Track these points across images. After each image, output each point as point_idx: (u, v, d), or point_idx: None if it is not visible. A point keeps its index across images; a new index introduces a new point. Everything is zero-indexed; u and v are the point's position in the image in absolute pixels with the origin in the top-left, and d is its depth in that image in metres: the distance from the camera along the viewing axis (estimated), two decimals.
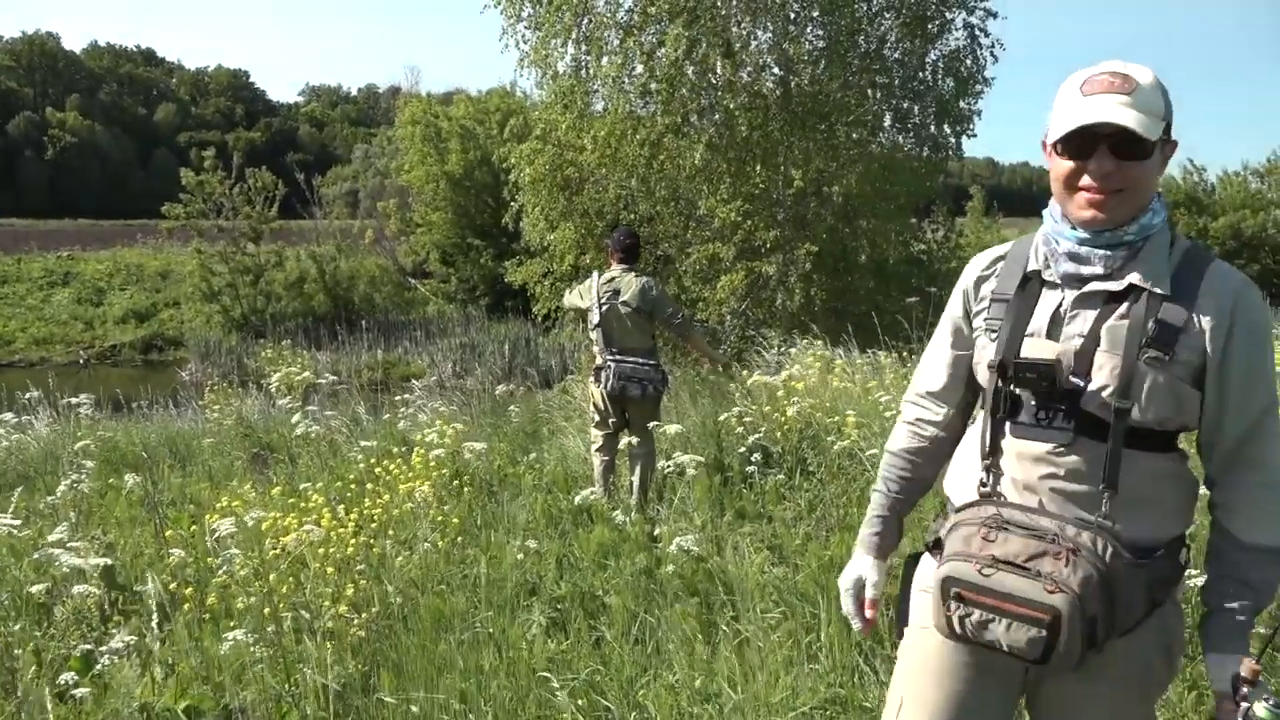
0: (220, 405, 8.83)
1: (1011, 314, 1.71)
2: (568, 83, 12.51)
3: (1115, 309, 1.62)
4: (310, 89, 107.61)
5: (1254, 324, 1.60)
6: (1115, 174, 1.58)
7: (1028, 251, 1.76)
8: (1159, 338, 1.57)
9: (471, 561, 4.22)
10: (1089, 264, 1.64)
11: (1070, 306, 1.65)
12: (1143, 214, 1.63)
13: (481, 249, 27.59)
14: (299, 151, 72.83)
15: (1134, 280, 1.61)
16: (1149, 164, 1.59)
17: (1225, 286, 1.60)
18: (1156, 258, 1.62)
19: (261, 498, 4.86)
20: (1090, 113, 1.57)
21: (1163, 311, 1.58)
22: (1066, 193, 1.64)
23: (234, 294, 26.30)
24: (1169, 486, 1.65)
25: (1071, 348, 1.62)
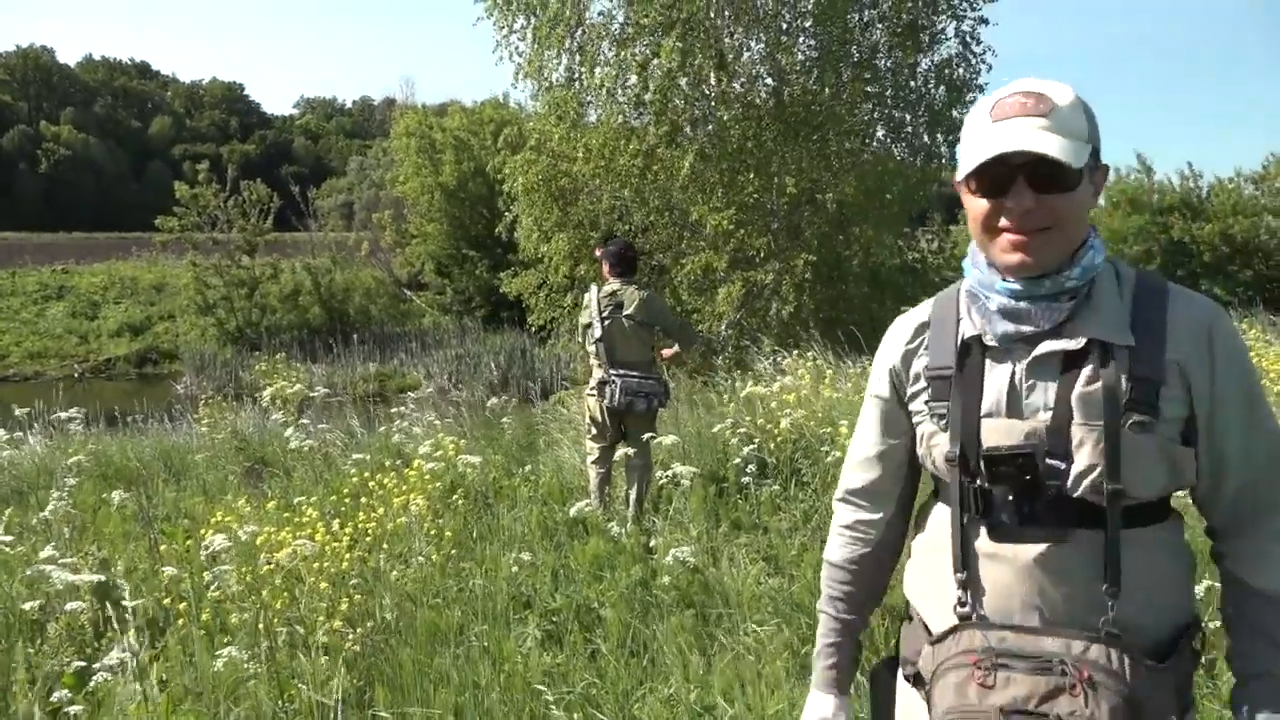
0: (215, 419, 8.81)
1: (959, 393, 1.44)
2: (561, 93, 12.57)
3: (1079, 372, 1.37)
4: (305, 101, 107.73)
5: (1235, 352, 1.40)
6: (1037, 210, 1.35)
7: (954, 312, 1.51)
8: (1140, 398, 1.34)
9: (467, 575, 4.21)
10: (1029, 320, 1.40)
11: (1025, 374, 1.40)
12: (1082, 253, 1.40)
13: (477, 260, 27.62)
14: (294, 164, 72.97)
15: (1091, 334, 1.37)
16: (1076, 195, 1.37)
17: (1194, 320, 1.38)
18: (1109, 302, 1.40)
19: (256, 512, 4.85)
20: (1001, 141, 1.35)
21: (1136, 366, 1.35)
22: (986, 236, 1.40)
23: (229, 307, 26.31)
24: (1171, 562, 1.42)
25: (1041, 425, 1.37)
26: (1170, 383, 1.36)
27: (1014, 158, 1.34)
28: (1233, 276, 18.02)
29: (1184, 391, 1.37)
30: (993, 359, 1.44)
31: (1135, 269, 1.46)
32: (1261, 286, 17.48)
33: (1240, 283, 17.80)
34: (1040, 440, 1.37)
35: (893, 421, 1.59)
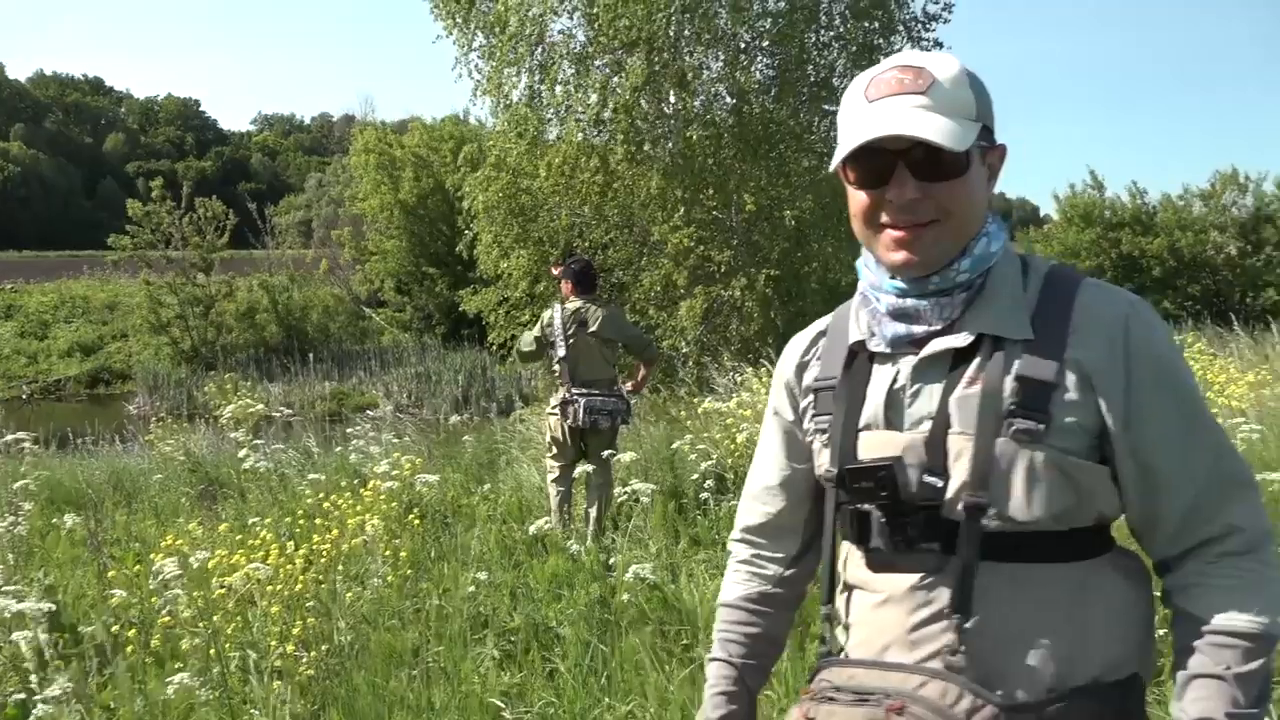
0: (169, 440, 8.67)
1: (841, 405, 1.28)
2: (521, 110, 12.58)
3: (964, 372, 1.19)
4: (263, 117, 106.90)
5: (1158, 355, 1.17)
6: (921, 201, 1.17)
7: (849, 319, 1.34)
8: (1025, 401, 1.14)
9: (424, 595, 4.17)
10: (919, 320, 1.23)
11: (909, 380, 1.23)
12: (975, 243, 1.22)
13: (437, 277, 27.48)
14: (251, 181, 72.20)
15: (982, 329, 1.19)
16: (966, 180, 1.19)
17: (1106, 313, 1.18)
18: (1006, 293, 1.22)
19: (209, 535, 4.77)
20: (875, 124, 1.17)
21: (1023, 364, 1.16)
22: (869, 232, 1.23)
23: (183, 325, 25.88)
24: (1085, 610, 1.16)
25: (919, 437, 1.20)
26: (1067, 386, 1.15)
27: (889, 143, 1.16)
28: (1181, 290, 18.43)
29: (1087, 397, 1.15)
30: (879, 365, 1.27)
31: (1052, 262, 1.28)
32: (1209, 301, 17.90)
33: (1189, 296, 18.22)
34: (918, 453, 1.19)
35: (793, 443, 1.40)
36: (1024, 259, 1.27)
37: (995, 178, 1.27)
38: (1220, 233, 18.77)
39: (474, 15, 12.89)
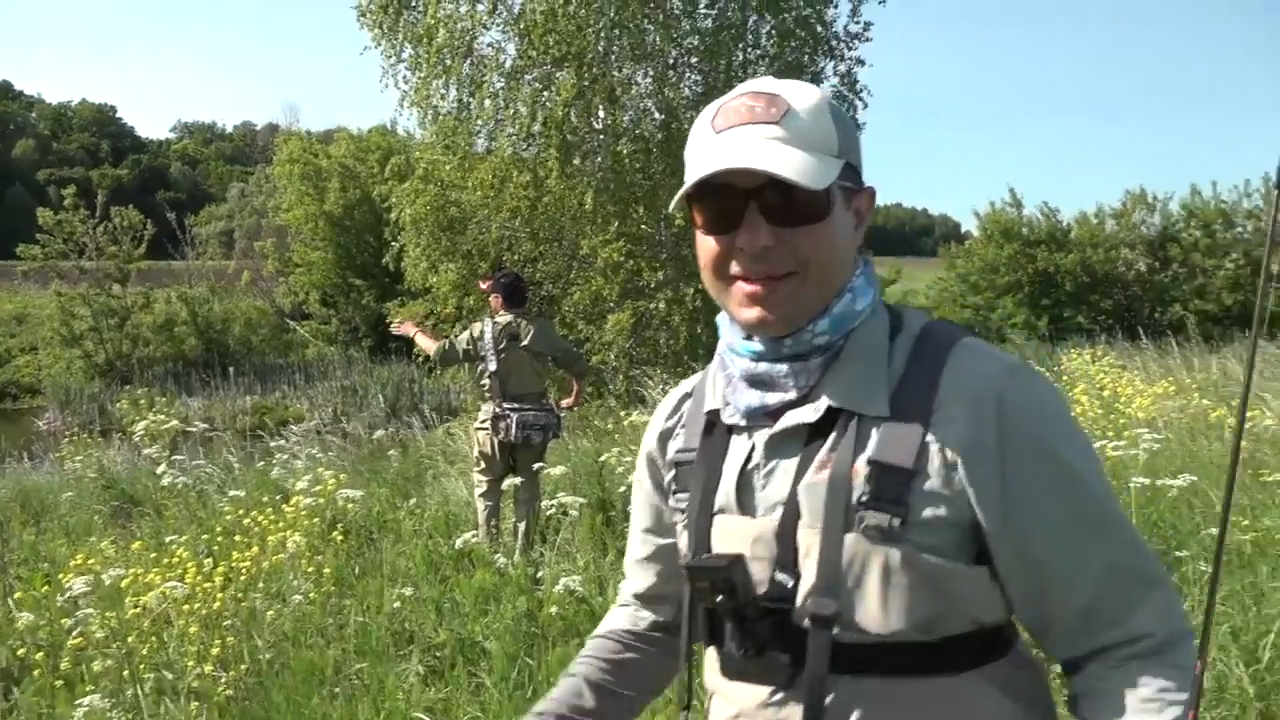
0: (81, 456, 8.38)
1: (697, 484, 1.12)
2: (450, 123, 12.51)
3: (816, 451, 1.03)
4: (182, 125, 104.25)
5: (1041, 431, 1.00)
6: (776, 249, 1.01)
7: (708, 382, 1.19)
8: (879, 491, 0.98)
9: (347, 612, 4.11)
10: (775, 387, 1.06)
11: (763, 457, 1.07)
12: (836, 301, 1.05)
13: (363, 290, 27.07)
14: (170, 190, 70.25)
15: (835, 401, 1.03)
16: (828, 226, 1.02)
17: (976, 382, 1.00)
18: (866, 359, 1.04)
19: (122, 553, 4.63)
20: (720, 156, 1.00)
21: (878, 445, 0.99)
22: (720, 285, 1.07)
23: (97, 338, 25.03)
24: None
25: (771, 526, 1.04)
26: (929, 472, 0.98)
27: (737, 179, 1.00)
28: (1094, 305, 19.04)
29: (954, 485, 0.98)
30: (736, 437, 1.11)
31: (928, 318, 1.10)
32: (1120, 315, 18.54)
33: (1102, 311, 18.82)
34: (769, 545, 1.04)
35: (659, 518, 1.26)
36: (898, 315, 1.10)
37: (863, 223, 1.10)
38: (1130, 250, 19.48)
39: (401, 26, 12.79)
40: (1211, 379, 7.93)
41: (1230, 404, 6.19)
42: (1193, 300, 18.08)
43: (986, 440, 0.98)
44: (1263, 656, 2.97)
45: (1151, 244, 19.36)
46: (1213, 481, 4.40)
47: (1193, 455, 5.23)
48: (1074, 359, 9.23)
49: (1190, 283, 18.41)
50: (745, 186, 1.01)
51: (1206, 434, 5.70)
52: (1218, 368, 8.47)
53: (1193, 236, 18.77)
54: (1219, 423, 5.72)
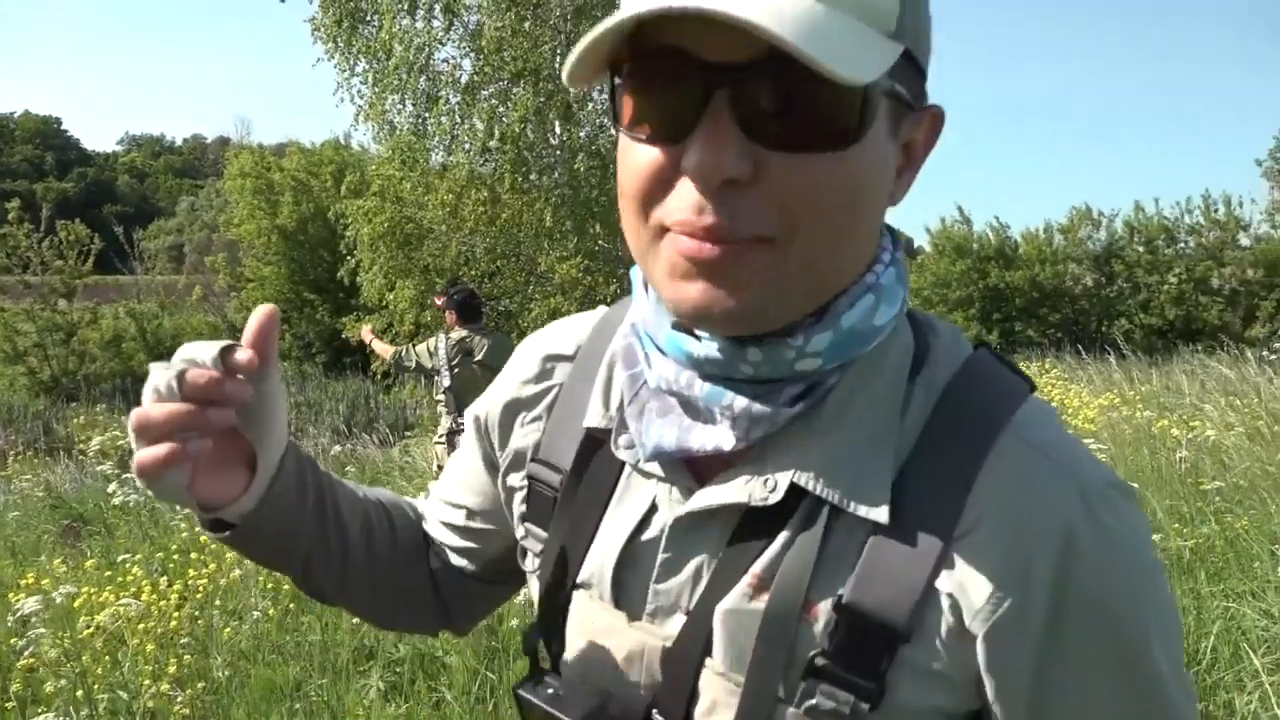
0: (29, 475, 8.21)
1: (557, 532, 0.76)
2: (406, 138, 12.48)
3: (753, 554, 0.65)
4: (130, 138, 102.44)
5: (1123, 621, 0.60)
6: (749, 187, 0.57)
7: (604, 356, 0.77)
8: (844, 653, 0.61)
9: (306, 629, 4.09)
10: (709, 422, 0.65)
11: (668, 534, 0.69)
12: (848, 301, 0.63)
13: (317, 304, 26.81)
14: (117, 203, 69.15)
15: (802, 477, 0.63)
16: (852, 160, 0.58)
17: (1035, 505, 0.60)
18: (869, 414, 0.64)
19: (73, 573, 4.56)
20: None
21: (857, 577, 0.61)
22: (645, 232, 0.62)
23: (42, 355, 24.46)
24: None
25: (658, 643, 0.68)
26: (930, 639, 0.61)
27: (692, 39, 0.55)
28: (1044, 319, 19.43)
29: (963, 668, 0.62)
30: (633, 479, 0.73)
31: (969, 348, 0.69)
32: (1069, 328, 18.94)
33: (1051, 325, 19.21)
34: (647, 671, 0.68)
35: (485, 497, 0.89)
36: (922, 333, 0.69)
37: (914, 168, 0.65)
38: (1077, 265, 19.93)
39: (356, 40, 12.76)
40: (1154, 391, 8.15)
41: (1172, 415, 6.38)
42: (1138, 314, 18.57)
43: (1033, 611, 0.59)
44: (1202, 659, 3.08)
45: (1097, 259, 19.83)
46: (1155, 490, 4.55)
47: (1137, 465, 5.39)
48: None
49: (1135, 297, 18.90)
50: (714, 60, 0.55)
51: (1149, 444, 5.87)
52: (1159, 380, 8.71)
53: (1136, 252, 19.29)
54: (1161, 433, 5.90)
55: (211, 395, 0.67)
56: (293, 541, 0.81)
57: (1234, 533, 4.06)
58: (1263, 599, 3.37)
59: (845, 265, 0.62)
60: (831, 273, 0.61)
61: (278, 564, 0.84)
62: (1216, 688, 3.00)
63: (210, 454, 0.70)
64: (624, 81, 0.60)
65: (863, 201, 0.59)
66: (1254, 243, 19.13)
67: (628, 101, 0.60)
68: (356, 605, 0.93)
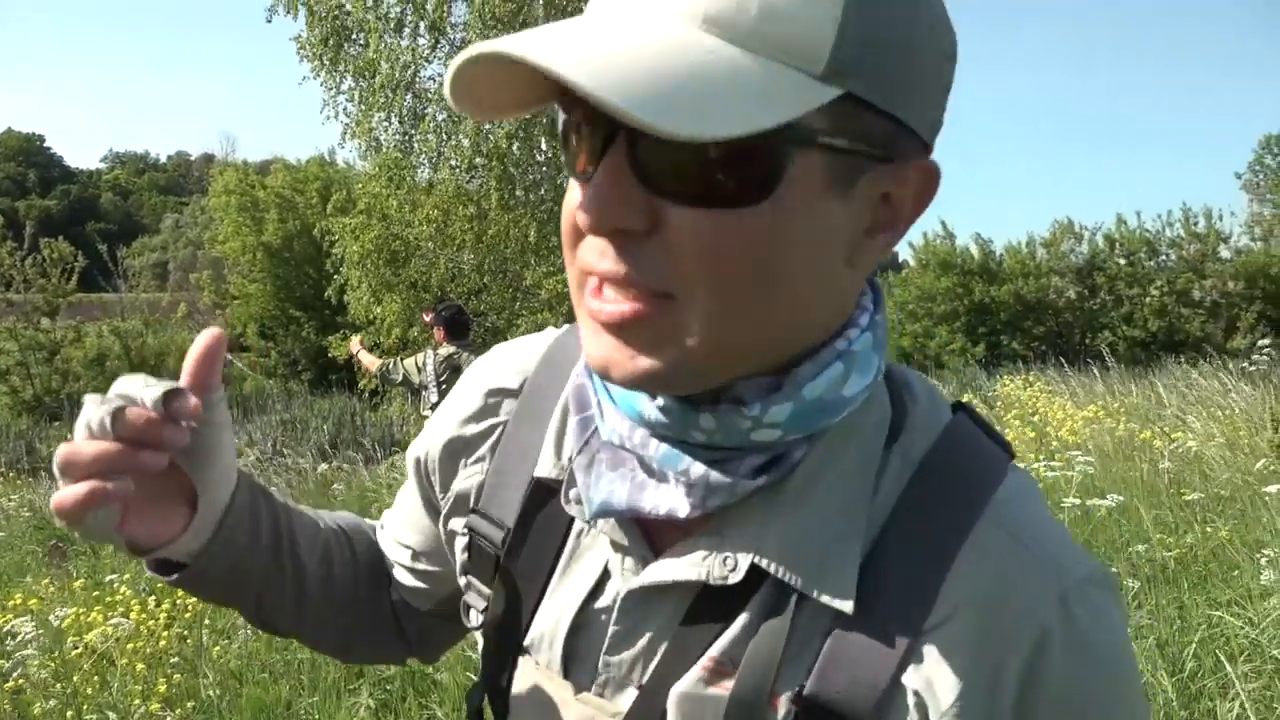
0: (14, 496, 8.16)
1: (502, 591, 0.71)
2: (393, 155, 12.53)
3: (710, 635, 0.61)
4: (114, 155, 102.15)
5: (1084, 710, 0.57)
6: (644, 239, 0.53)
7: (557, 400, 0.72)
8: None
9: (296, 647, 4.08)
10: (662, 483, 0.61)
11: (620, 604, 0.65)
12: (811, 370, 0.59)
13: (303, 321, 26.78)
14: (101, 220, 68.94)
15: (764, 558, 0.59)
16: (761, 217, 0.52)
17: (1010, 600, 0.57)
18: (838, 494, 0.60)
19: (60, 593, 4.54)
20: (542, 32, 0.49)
21: (820, 669, 0.58)
22: (574, 280, 0.60)
23: (24, 374, 24.31)
24: None
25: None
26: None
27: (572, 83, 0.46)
28: (1028, 332, 19.58)
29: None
30: (585, 537, 0.69)
31: (948, 413, 0.65)
32: (1053, 341, 19.08)
33: (1035, 338, 19.36)
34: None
35: (426, 527, 0.85)
36: (899, 397, 0.65)
37: (895, 228, 0.58)
38: (1060, 278, 20.11)
39: (342, 58, 12.81)
40: (1137, 403, 8.24)
41: (1155, 426, 6.45)
42: (1120, 326, 18.73)
43: (998, 710, 0.56)
44: (1186, 666, 3.12)
45: (1080, 272, 20.01)
46: (1140, 500, 4.60)
47: (1121, 476, 5.44)
48: (1007, 385, 9.51)
49: (1118, 309, 19.08)
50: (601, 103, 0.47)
51: (1133, 456, 5.93)
52: (1141, 392, 8.80)
53: (1117, 265, 19.49)
54: (1145, 444, 5.96)
55: (146, 439, 0.63)
56: (245, 578, 0.76)
57: (1215, 542, 4.12)
58: (1245, 607, 3.42)
59: (770, 330, 0.56)
60: (750, 338, 0.56)
61: (228, 601, 0.80)
62: (1200, 695, 3.04)
63: (146, 490, 0.67)
64: (563, 114, 0.57)
65: (783, 262, 0.53)
66: (1234, 255, 19.37)
67: (565, 138, 0.58)
68: (314, 638, 0.89)
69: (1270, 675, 2.99)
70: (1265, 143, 24.70)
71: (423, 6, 12.31)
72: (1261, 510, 4.39)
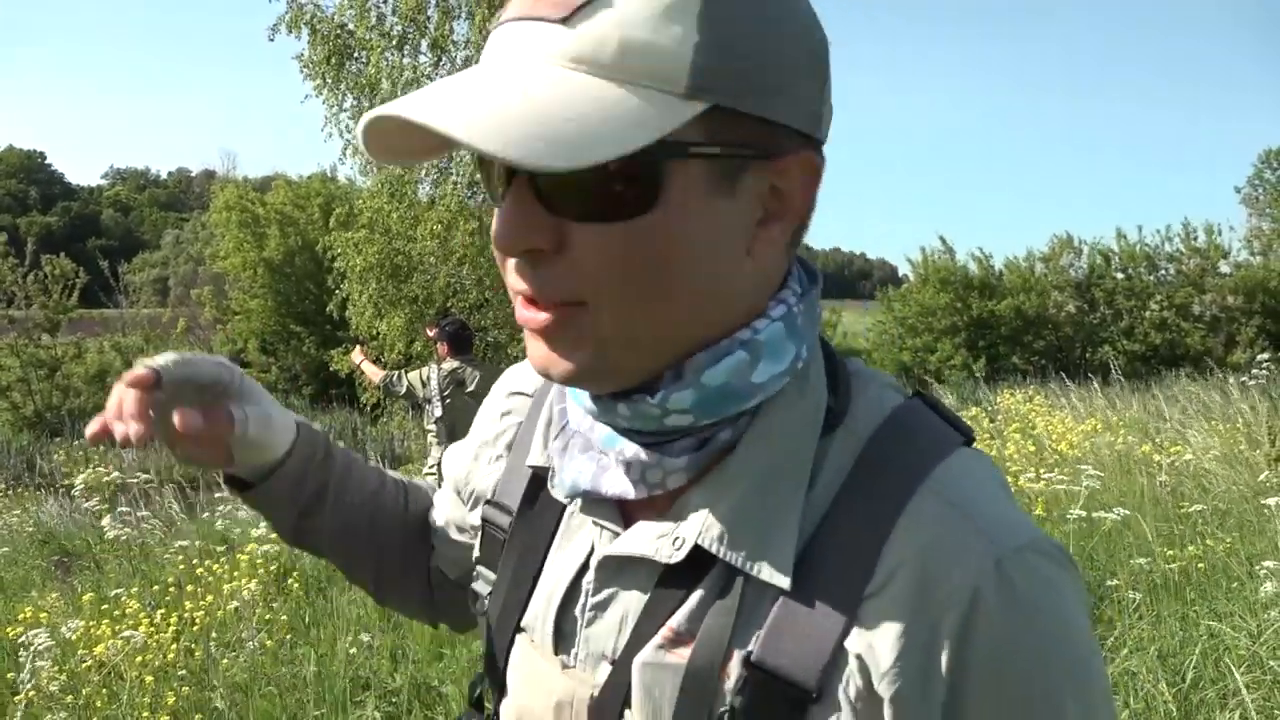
0: (18, 511, 8.18)
1: (505, 574, 0.78)
2: (396, 171, 12.59)
3: (671, 606, 0.65)
4: (115, 171, 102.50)
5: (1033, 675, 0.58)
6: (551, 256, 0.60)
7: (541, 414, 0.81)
8: (754, 710, 0.61)
9: (302, 660, 4.10)
10: (612, 473, 0.67)
11: (595, 575, 0.70)
12: (712, 358, 0.63)
13: (304, 336, 26.84)
14: (102, 237, 69.12)
15: (707, 538, 0.63)
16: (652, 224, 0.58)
17: (944, 562, 0.59)
18: (769, 475, 0.64)
19: (67, 607, 4.57)
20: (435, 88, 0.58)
21: (765, 637, 0.61)
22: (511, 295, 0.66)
23: (25, 390, 24.35)
24: None
25: (585, 693, 0.69)
26: (840, 701, 0.60)
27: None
28: (1028, 346, 19.63)
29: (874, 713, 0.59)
30: (575, 519, 0.74)
31: (900, 398, 0.68)
32: (1053, 355, 19.12)
33: (1035, 352, 19.40)
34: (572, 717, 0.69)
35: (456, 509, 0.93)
36: (846, 385, 0.68)
37: (787, 218, 0.64)
38: (1060, 292, 20.16)
39: (344, 76, 12.88)
40: (1137, 417, 8.27)
41: (1154, 440, 6.48)
42: (1120, 340, 18.77)
43: (936, 674, 0.58)
44: (1186, 676, 3.14)
45: (1079, 286, 20.07)
46: (1144, 513, 4.62)
47: (1123, 490, 5.47)
48: (1007, 399, 9.55)
49: (1118, 324, 19.12)
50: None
51: (1134, 470, 5.96)
52: (1141, 406, 8.83)
53: (1116, 280, 19.55)
54: (1145, 458, 5.99)
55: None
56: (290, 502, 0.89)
57: (1215, 555, 4.14)
58: (1245, 618, 3.44)
59: (676, 324, 0.61)
60: (658, 332, 0.61)
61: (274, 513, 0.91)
62: (1201, 706, 3.06)
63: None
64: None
65: (679, 261, 0.59)
66: (1233, 269, 19.42)
67: (482, 168, 0.65)
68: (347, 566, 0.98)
69: (1270, 686, 3.01)
70: (1265, 157, 24.81)
71: (425, 24, 12.40)
72: (1264, 522, 4.42)
